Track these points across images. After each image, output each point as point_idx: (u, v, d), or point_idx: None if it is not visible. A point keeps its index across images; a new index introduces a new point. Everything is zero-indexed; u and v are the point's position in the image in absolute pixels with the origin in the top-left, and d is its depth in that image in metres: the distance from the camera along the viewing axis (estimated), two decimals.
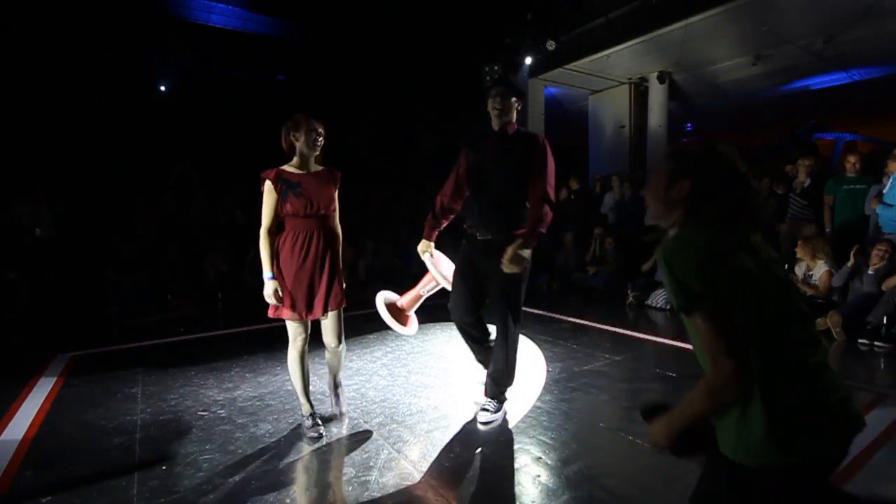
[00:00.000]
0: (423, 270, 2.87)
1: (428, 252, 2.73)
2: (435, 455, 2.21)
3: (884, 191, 4.43)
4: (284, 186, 2.25)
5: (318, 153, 2.34)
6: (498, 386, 2.55)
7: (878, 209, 4.46)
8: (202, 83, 8.31)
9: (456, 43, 7.87)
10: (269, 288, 2.23)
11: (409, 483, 1.98)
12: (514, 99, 2.43)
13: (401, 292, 3.07)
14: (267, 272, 2.25)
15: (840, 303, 4.25)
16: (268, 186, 2.24)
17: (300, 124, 2.27)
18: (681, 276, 1.00)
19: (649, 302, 5.55)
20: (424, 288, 2.93)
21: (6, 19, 6.31)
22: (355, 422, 2.57)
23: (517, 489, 1.94)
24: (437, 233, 2.72)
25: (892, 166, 4.40)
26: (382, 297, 2.95)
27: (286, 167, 2.31)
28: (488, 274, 2.44)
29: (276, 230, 2.30)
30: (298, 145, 2.29)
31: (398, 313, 2.96)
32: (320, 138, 2.30)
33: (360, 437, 2.39)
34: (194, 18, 7.18)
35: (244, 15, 7.35)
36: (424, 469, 2.08)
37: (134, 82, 7.81)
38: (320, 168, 2.38)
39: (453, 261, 2.77)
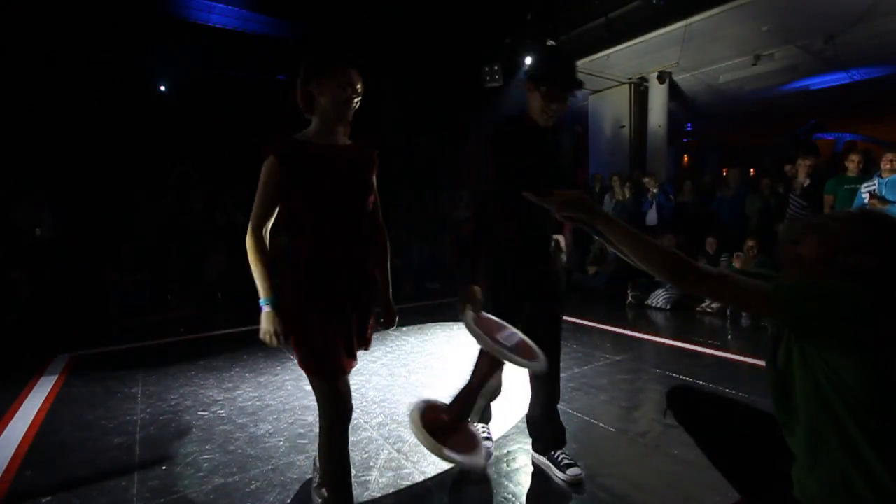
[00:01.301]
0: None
1: (472, 312, 1.67)
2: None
3: (875, 189, 4.43)
4: (297, 165, 1.45)
5: (348, 119, 1.54)
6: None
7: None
8: (202, 83, 8.31)
9: (456, 43, 7.88)
10: (269, 323, 1.43)
11: (409, 483, 1.98)
12: None
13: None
14: (264, 294, 1.45)
15: None
16: (269, 164, 1.45)
17: (325, 70, 1.46)
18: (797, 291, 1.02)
19: (649, 302, 5.55)
20: (483, 379, 1.56)
21: (6, 19, 6.31)
22: (355, 422, 2.57)
23: (517, 489, 1.94)
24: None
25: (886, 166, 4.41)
26: (418, 414, 1.44)
27: (300, 137, 1.53)
28: (546, 291, 2.03)
29: (268, 234, 1.53)
30: (322, 101, 1.48)
31: (447, 434, 1.45)
32: (356, 97, 1.50)
33: (360, 437, 2.39)
34: (194, 18, 7.18)
35: (244, 15, 7.35)
36: (424, 469, 2.08)
37: (134, 82, 7.82)
38: (349, 142, 1.60)
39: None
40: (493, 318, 1.76)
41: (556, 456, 2.03)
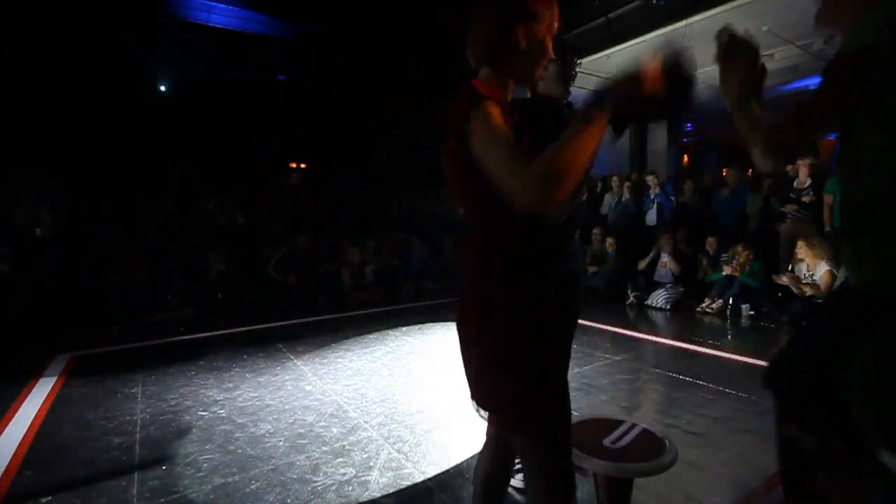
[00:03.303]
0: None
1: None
2: (435, 455, 2.21)
3: None
4: (523, 125, 1.06)
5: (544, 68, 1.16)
6: None
7: None
8: (202, 83, 8.31)
9: (456, 43, 7.88)
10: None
11: (409, 483, 1.98)
12: None
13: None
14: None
15: None
16: (491, 109, 1.00)
17: (540, 8, 1.11)
18: None
19: (649, 302, 5.55)
20: None
21: (6, 19, 6.31)
22: (355, 422, 2.57)
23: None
24: None
25: None
26: None
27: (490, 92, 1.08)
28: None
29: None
30: (523, 48, 1.11)
31: None
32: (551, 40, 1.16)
33: (360, 437, 2.39)
34: (194, 18, 7.19)
35: (244, 15, 7.36)
36: (424, 469, 2.08)
37: (134, 82, 7.82)
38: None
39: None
40: (597, 417, 1.51)
41: None
